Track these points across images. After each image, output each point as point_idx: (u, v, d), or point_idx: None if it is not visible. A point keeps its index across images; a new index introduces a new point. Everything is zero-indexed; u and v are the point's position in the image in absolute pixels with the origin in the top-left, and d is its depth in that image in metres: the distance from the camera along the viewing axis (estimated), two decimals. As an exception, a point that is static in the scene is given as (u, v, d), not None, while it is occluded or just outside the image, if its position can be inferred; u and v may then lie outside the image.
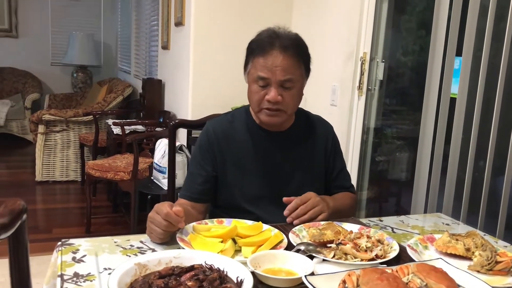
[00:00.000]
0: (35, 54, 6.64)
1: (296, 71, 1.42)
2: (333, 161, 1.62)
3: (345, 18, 2.58)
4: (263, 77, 1.39)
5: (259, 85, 1.41)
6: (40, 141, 4.57)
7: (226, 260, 1.02)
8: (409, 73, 2.66)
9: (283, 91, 1.41)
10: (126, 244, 1.19)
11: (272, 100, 1.40)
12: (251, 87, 1.45)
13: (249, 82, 1.46)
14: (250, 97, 1.47)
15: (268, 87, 1.40)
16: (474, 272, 1.10)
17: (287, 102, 1.42)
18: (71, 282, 0.98)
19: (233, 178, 1.52)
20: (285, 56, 1.38)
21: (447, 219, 1.60)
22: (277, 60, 1.38)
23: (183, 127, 1.97)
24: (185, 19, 3.25)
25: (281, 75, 1.38)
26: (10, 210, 0.85)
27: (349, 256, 1.12)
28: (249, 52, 1.46)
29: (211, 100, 3.14)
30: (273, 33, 1.42)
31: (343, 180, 1.65)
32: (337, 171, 1.63)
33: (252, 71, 1.44)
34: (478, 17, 1.84)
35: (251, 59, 1.44)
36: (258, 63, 1.40)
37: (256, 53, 1.41)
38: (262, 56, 1.39)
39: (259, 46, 1.41)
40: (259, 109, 1.45)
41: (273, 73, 1.38)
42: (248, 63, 1.46)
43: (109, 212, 3.99)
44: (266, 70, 1.38)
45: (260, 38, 1.43)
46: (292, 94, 1.43)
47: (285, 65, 1.38)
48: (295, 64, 1.41)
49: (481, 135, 1.82)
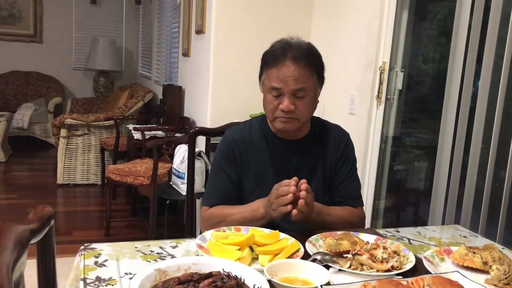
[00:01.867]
0: (59, 59, 6.79)
1: (309, 81, 1.44)
2: (340, 167, 1.59)
3: (364, 28, 2.58)
4: (276, 87, 1.43)
5: (273, 95, 1.45)
6: (62, 145, 4.66)
7: (243, 268, 1.04)
8: (429, 82, 2.65)
9: (296, 100, 1.43)
10: (146, 250, 1.22)
11: (285, 109, 1.42)
12: (266, 97, 1.48)
13: (264, 92, 1.50)
14: (265, 107, 1.50)
15: (281, 97, 1.43)
16: (491, 286, 1.10)
17: (300, 110, 1.45)
18: (94, 286, 1.01)
19: (251, 186, 1.55)
20: (296, 66, 1.41)
21: (464, 231, 1.60)
22: (289, 71, 1.41)
23: (203, 134, 2.01)
24: (206, 27, 3.29)
25: (293, 85, 1.41)
26: (40, 216, 0.89)
27: (365, 267, 1.13)
28: (263, 63, 1.49)
29: (230, 108, 3.18)
30: (286, 44, 1.45)
31: (345, 190, 1.59)
32: (341, 178, 1.59)
33: (265, 82, 1.47)
34: (500, 25, 1.84)
35: (264, 69, 1.48)
36: (271, 74, 1.44)
37: (269, 63, 1.45)
38: (275, 67, 1.43)
39: (272, 57, 1.44)
40: (273, 117, 1.48)
41: (286, 83, 1.41)
42: (262, 73, 1.49)
43: (128, 216, 4.05)
44: (279, 80, 1.42)
45: (273, 49, 1.47)
46: (305, 103, 1.45)
47: (296, 75, 1.41)
48: (307, 73, 1.43)
49: (501, 144, 1.81)
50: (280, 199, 1.33)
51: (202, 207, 1.57)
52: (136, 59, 7.09)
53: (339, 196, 1.60)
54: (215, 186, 1.57)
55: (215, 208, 1.53)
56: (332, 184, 1.60)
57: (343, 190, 1.60)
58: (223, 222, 1.45)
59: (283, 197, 1.32)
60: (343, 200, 1.59)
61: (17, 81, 6.57)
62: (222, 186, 1.55)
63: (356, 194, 1.62)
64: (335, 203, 1.58)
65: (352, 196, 1.61)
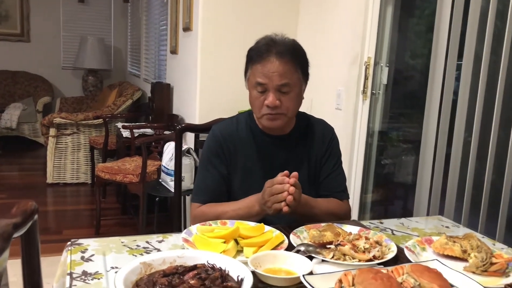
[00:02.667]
0: (47, 58, 6.75)
1: (293, 76, 1.46)
2: (325, 161, 1.62)
3: (350, 24, 2.61)
4: (260, 83, 1.45)
5: (258, 90, 1.47)
6: (51, 144, 4.65)
7: (227, 259, 1.06)
8: (414, 76, 2.68)
9: (281, 96, 1.46)
10: (133, 244, 1.24)
11: (270, 105, 1.45)
12: (251, 93, 1.51)
13: (249, 88, 1.52)
14: (251, 103, 1.52)
15: (267, 93, 1.45)
16: (469, 273, 1.13)
17: (286, 106, 1.47)
18: (80, 280, 1.02)
19: (238, 180, 1.57)
20: (281, 62, 1.43)
21: (447, 222, 1.63)
22: (274, 66, 1.43)
23: (190, 131, 2.02)
24: (193, 25, 3.30)
25: (278, 80, 1.43)
26: (23, 210, 0.90)
27: (347, 257, 1.15)
28: (248, 60, 1.52)
29: (218, 104, 3.19)
30: (270, 40, 1.47)
31: (331, 183, 1.62)
32: (327, 172, 1.62)
33: (251, 78, 1.49)
34: (479, 21, 1.87)
35: (250, 66, 1.50)
36: (256, 70, 1.46)
37: (254, 60, 1.47)
38: (259, 63, 1.45)
39: (257, 54, 1.47)
40: (260, 114, 1.50)
41: (270, 78, 1.43)
42: (248, 70, 1.52)
43: (118, 214, 4.05)
44: (264, 76, 1.44)
45: (258, 45, 1.49)
46: (290, 98, 1.47)
47: (281, 70, 1.43)
48: (292, 69, 1.45)
49: (482, 137, 1.84)
50: (275, 197, 1.35)
51: (192, 204, 1.57)
52: (125, 57, 7.08)
53: (325, 190, 1.62)
54: (204, 182, 1.58)
55: (207, 206, 1.53)
56: (318, 178, 1.62)
57: (329, 183, 1.62)
58: (217, 220, 1.46)
59: (278, 195, 1.34)
60: (329, 194, 1.62)
61: (4, 81, 6.52)
62: (211, 182, 1.56)
63: (342, 187, 1.65)
64: (321, 196, 1.60)
65: (338, 189, 1.63)
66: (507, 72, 1.74)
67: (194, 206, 1.56)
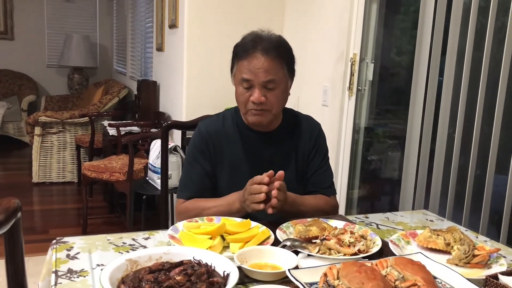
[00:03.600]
0: (31, 56, 6.67)
1: (279, 72, 1.46)
2: (312, 158, 1.63)
3: (335, 20, 2.62)
4: (246, 79, 1.45)
5: (244, 87, 1.47)
6: (37, 143, 4.60)
7: (214, 255, 1.06)
8: (400, 73, 2.71)
9: (267, 92, 1.46)
10: (119, 242, 1.24)
11: (256, 101, 1.45)
12: (237, 89, 1.51)
13: (235, 84, 1.52)
14: (237, 99, 1.52)
15: (252, 89, 1.46)
16: (452, 266, 1.15)
17: (271, 102, 1.47)
18: (65, 278, 1.02)
19: (224, 177, 1.57)
20: (266, 58, 1.43)
21: (432, 216, 1.65)
22: (259, 62, 1.43)
23: (176, 128, 2.02)
24: (179, 21, 3.29)
25: (263, 77, 1.44)
26: (5, 208, 0.89)
27: (332, 251, 1.17)
28: (234, 56, 1.52)
29: (205, 102, 3.18)
30: (256, 37, 1.47)
31: (318, 179, 1.63)
32: (314, 168, 1.63)
33: (237, 74, 1.49)
34: (462, 17, 1.89)
35: (236, 62, 1.50)
36: (242, 66, 1.46)
37: (240, 56, 1.47)
38: (245, 59, 1.45)
39: (243, 50, 1.47)
40: (245, 110, 1.50)
41: (256, 75, 1.44)
42: (234, 66, 1.52)
43: (105, 212, 4.03)
44: (249, 72, 1.44)
45: (244, 42, 1.49)
46: (276, 94, 1.48)
47: (267, 66, 1.43)
48: (277, 65, 1.46)
49: (466, 133, 1.87)
50: (252, 197, 1.35)
51: (177, 199, 1.58)
52: (111, 55, 7.02)
53: (312, 186, 1.63)
54: (189, 178, 1.58)
55: (190, 202, 1.54)
56: (305, 174, 1.63)
57: (316, 179, 1.63)
58: (198, 216, 1.47)
59: (256, 195, 1.35)
60: (317, 190, 1.63)
61: (-12, 79, 6.44)
62: (196, 178, 1.56)
63: (329, 183, 1.66)
64: (308, 192, 1.62)
65: (325, 185, 1.65)
66: (490, 68, 1.76)
67: (178, 202, 1.57)
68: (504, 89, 1.70)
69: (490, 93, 1.77)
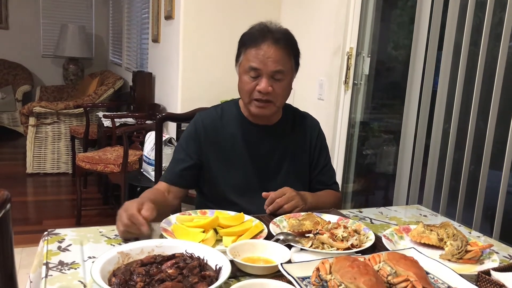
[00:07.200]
0: (26, 46, 6.62)
1: (287, 64, 1.46)
2: (317, 157, 1.65)
3: (332, 14, 2.61)
4: (254, 67, 1.43)
5: (251, 75, 1.45)
6: (31, 133, 4.57)
7: (206, 249, 1.06)
8: (396, 67, 2.70)
9: (274, 83, 1.45)
10: (111, 234, 1.23)
11: (263, 90, 1.44)
12: (243, 78, 1.48)
13: (241, 73, 1.50)
14: (241, 88, 1.50)
15: (259, 78, 1.44)
16: (445, 261, 1.15)
17: (277, 93, 1.46)
18: (56, 270, 1.01)
19: (219, 169, 1.56)
20: (276, 47, 1.43)
21: (425, 211, 1.65)
22: (269, 51, 1.42)
23: (170, 120, 2.01)
24: (175, 13, 3.27)
25: (273, 66, 1.43)
26: (-6, 199, 0.88)
27: (325, 246, 1.16)
28: (241, 44, 1.50)
29: (200, 94, 3.17)
30: (265, 27, 1.47)
31: (325, 177, 1.67)
32: (320, 166, 1.66)
33: (244, 62, 1.47)
34: (459, 13, 1.88)
35: (243, 50, 1.48)
36: (250, 54, 1.44)
37: (248, 44, 1.46)
38: (254, 47, 1.43)
39: (252, 38, 1.45)
40: (249, 99, 1.48)
41: (265, 64, 1.42)
42: (240, 54, 1.50)
43: (99, 204, 4.02)
44: (258, 61, 1.43)
45: (252, 31, 1.48)
46: (282, 86, 1.47)
47: (276, 56, 1.42)
48: (286, 56, 1.45)
49: (461, 129, 1.87)
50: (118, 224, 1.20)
51: (159, 182, 1.56)
52: (107, 45, 6.97)
53: (320, 184, 1.66)
54: (171, 165, 1.57)
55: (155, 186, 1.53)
56: (314, 171, 1.65)
57: (323, 177, 1.67)
58: None
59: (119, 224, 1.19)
60: (325, 187, 1.66)
61: (-18, 69, 6.39)
62: (176, 166, 1.54)
63: (334, 179, 1.71)
64: (315, 190, 1.64)
65: (331, 181, 1.69)
66: (486, 64, 1.76)
67: (158, 185, 1.54)
68: (499, 85, 1.69)
69: (486, 89, 1.77)
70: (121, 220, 1.18)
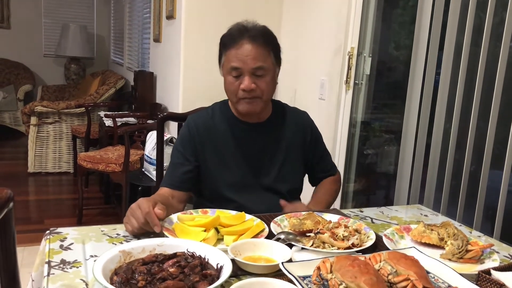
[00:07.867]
0: (28, 46, 6.62)
1: (267, 59, 1.48)
2: (314, 149, 1.70)
3: (333, 14, 2.61)
4: (235, 67, 1.47)
5: (233, 75, 1.49)
6: (33, 133, 4.58)
7: (207, 248, 1.06)
8: (397, 67, 2.70)
9: (256, 79, 1.48)
10: (113, 233, 1.23)
11: (246, 88, 1.46)
12: (226, 79, 1.52)
13: (224, 74, 1.53)
14: (226, 89, 1.54)
15: (242, 77, 1.47)
16: (446, 260, 1.15)
17: (261, 89, 1.49)
18: (58, 269, 1.02)
19: (215, 168, 1.58)
20: (254, 45, 1.46)
21: (426, 211, 1.65)
22: (247, 50, 1.45)
23: (172, 120, 2.01)
24: (176, 12, 3.27)
25: (252, 63, 1.45)
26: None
27: (326, 245, 1.17)
28: (221, 46, 1.54)
29: (201, 93, 3.17)
30: (242, 27, 1.50)
31: (325, 162, 1.77)
32: (319, 156, 1.73)
33: (225, 64, 1.51)
34: (460, 13, 1.88)
35: (223, 52, 1.52)
36: (230, 55, 1.48)
37: (227, 45, 1.49)
38: (233, 48, 1.47)
39: (230, 39, 1.49)
40: (236, 99, 1.51)
41: (244, 62, 1.45)
42: (222, 56, 1.53)
43: (101, 203, 4.03)
44: (238, 60, 1.46)
45: (230, 32, 1.51)
46: (266, 81, 1.49)
47: (255, 53, 1.45)
48: (265, 52, 1.48)
49: (462, 129, 1.87)
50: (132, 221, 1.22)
51: (160, 188, 1.58)
52: (108, 45, 6.98)
53: (321, 172, 1.75)
54: (170, 170, 1.59)
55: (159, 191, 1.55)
56: (314, 161, 1.71)
57: (322, 164, 1.75)
58: None
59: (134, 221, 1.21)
60: (325, 174, 1.76)
61: (-16, 68, 6.39)
62: (176, 171, 1.56)
63: (332, 163, 1.81)
64: (317, 178, 1.76)
65: (330, 165, 1.79)
66: (487, 63, 1.76)
67: (161, 191, 1.56)
68: (500, 85, 1.69)
69: (487, 89, 1.77)
70: (135, 216, 1.20)
